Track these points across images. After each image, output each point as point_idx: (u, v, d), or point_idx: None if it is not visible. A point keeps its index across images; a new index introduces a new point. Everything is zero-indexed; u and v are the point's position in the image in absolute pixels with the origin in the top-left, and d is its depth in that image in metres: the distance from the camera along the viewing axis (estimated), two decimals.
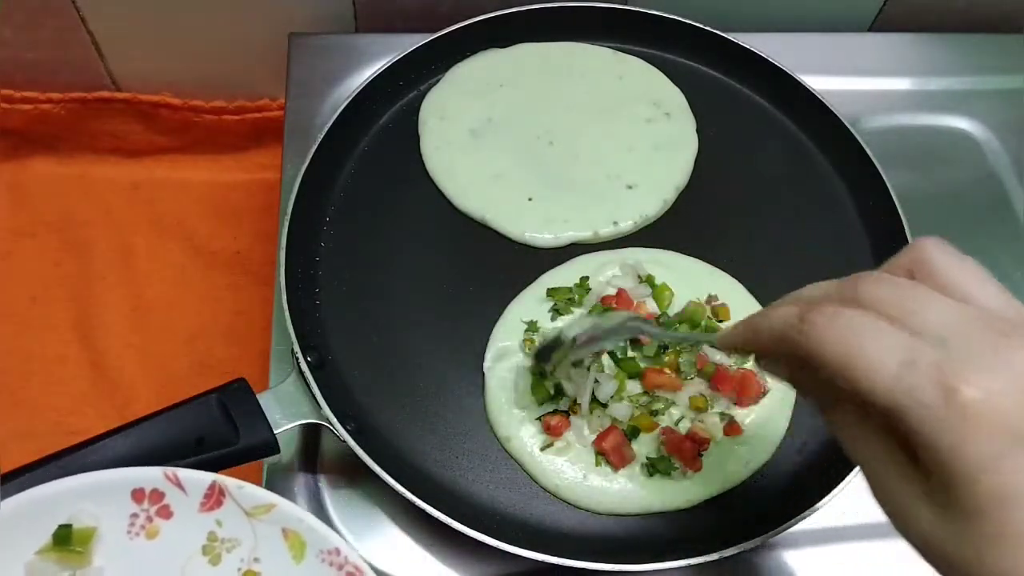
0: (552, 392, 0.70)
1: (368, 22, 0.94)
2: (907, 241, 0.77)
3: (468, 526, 0.63)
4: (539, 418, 0.70)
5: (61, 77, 0.96)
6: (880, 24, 1.01)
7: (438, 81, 0.85)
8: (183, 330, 0.95)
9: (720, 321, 0.74)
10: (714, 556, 0.64)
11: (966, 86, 0.95)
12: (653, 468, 0.68)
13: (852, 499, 0.68)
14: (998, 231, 0.87)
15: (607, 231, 0.79)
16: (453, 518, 0.63)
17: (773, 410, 0.71)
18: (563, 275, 0.76)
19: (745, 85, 0.88)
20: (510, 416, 0.70)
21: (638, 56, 0.88)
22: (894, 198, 0.78)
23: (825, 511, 0.66)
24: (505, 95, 0.84)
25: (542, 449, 0.69)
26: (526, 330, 0.73)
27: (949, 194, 0.88)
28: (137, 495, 0.51)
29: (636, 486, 0.68)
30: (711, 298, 0.75)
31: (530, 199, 0.79)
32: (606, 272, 0.76)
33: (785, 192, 0.83)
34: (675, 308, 0.74)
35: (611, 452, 0.68)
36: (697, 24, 0.87)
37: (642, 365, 0.71)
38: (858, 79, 0.93)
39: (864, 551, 0.72)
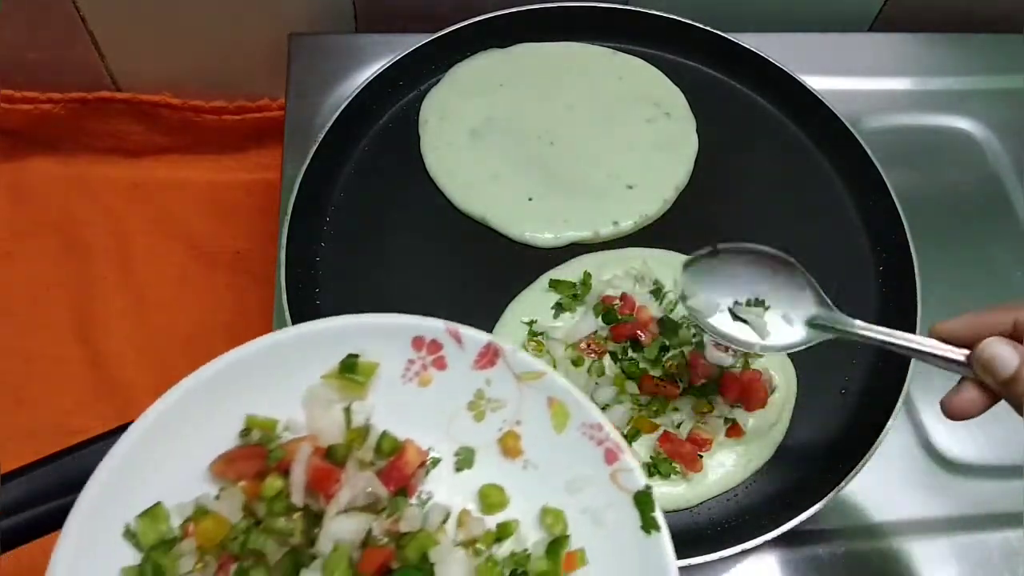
0: None
1: (368, 22, 0.94)
2: (907, 241, 0.77)
3: None
4: None
5: (61, 77, 0.96)
6: (880, 24, 1.01)
7: (438, 81, 0.85)
8: (183, 330, 0.95)
9: None
10: (714, 556, 0.64)
11: (966, 86, 0.95)
12: (653, 469, 0.68)
13: (852, 499, 0.68)
14: (998, 231, 0.87)
15: (607, 231, 0.79)
16: None
17: (774, 411, 0.71)
18: (564, 275, 0.76)
19: (745, 85, 0.88)
20: None
21: (638, 56, 0.88)
22: (894, 198, 0.78)
23: (825, 511, 0.66)
24: (505, 95, 0.84)
25: None
26: (527, 330, 0.73)
27: (949, 194, 0.88)
28: (417, 342, 0.52)
29: None
30: None
31: (530, 199, 0.79)
32: (607, 272, 0.76)
33: (785, 192, 0.83)
34: (679, 312, 0.74)
35: None
36: (697, 24, 0.87)
37: (641, 367, 0.71)
38: (858, 79, 0.93)
39: (863, 551, 0.72)
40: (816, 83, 0.84)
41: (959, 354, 0.52)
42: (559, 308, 0.74)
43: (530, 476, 0.51)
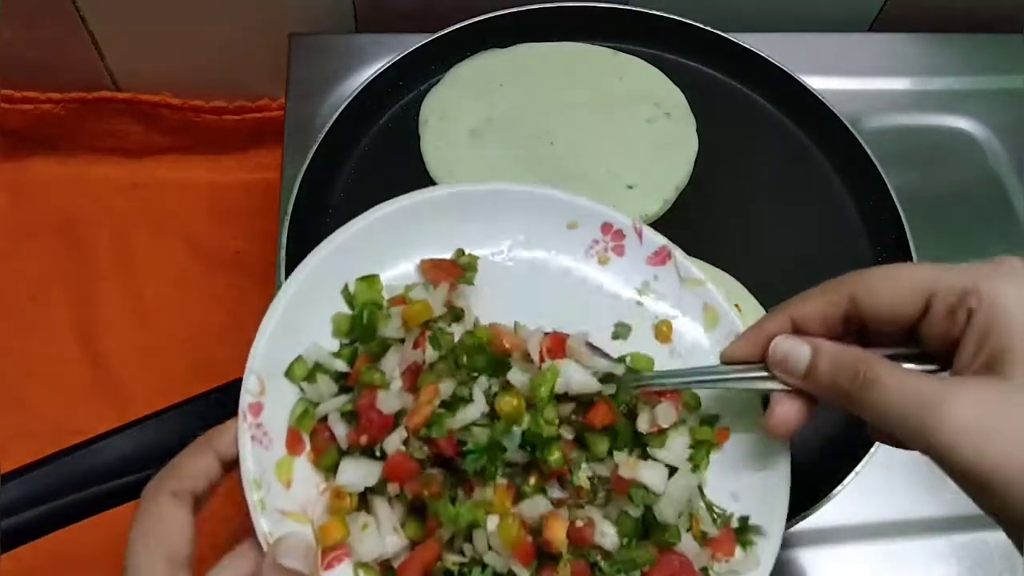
0: None
1: (368, 22, 0.94)
2: (907, 241, 0.77)
3: None
4: None
5: (61, 77, 0.96)
6: (880, 24, 1.01)
7: (438, 81, 0.85)
8: (183, 330, 0.95)
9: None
10: None
11: (966, 86, 0.95)
12: None
13: (852, 499, 0.68)
14: (998, 231, 0.87)
15: None
16: None
17: None
18: None
19: (745, 85, 0.88)
20: None
21: (638, 56, 0.88)
22: (894, 198, 0.78)
23: (825, 511, 0.66)
24: (505, 95, 0.84)
25: None
26: None
27: (949, 194, 0.88)
28: (606, 228, 0.61)
29: None
30: None
31: None
32: None
33: (785, 192, 0.83)
34: None
35: None
36: (697, 24, 0.87)
37: None
38: (858, 79, 0.93)
39: (864, 551, 0.72)
40: (816, 83, 0.84)
41: (757, 367, 0.52)
42: None
43: (675, 362, 0.59)
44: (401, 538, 0.50)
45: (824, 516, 0.66)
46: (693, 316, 0.60)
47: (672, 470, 0.54)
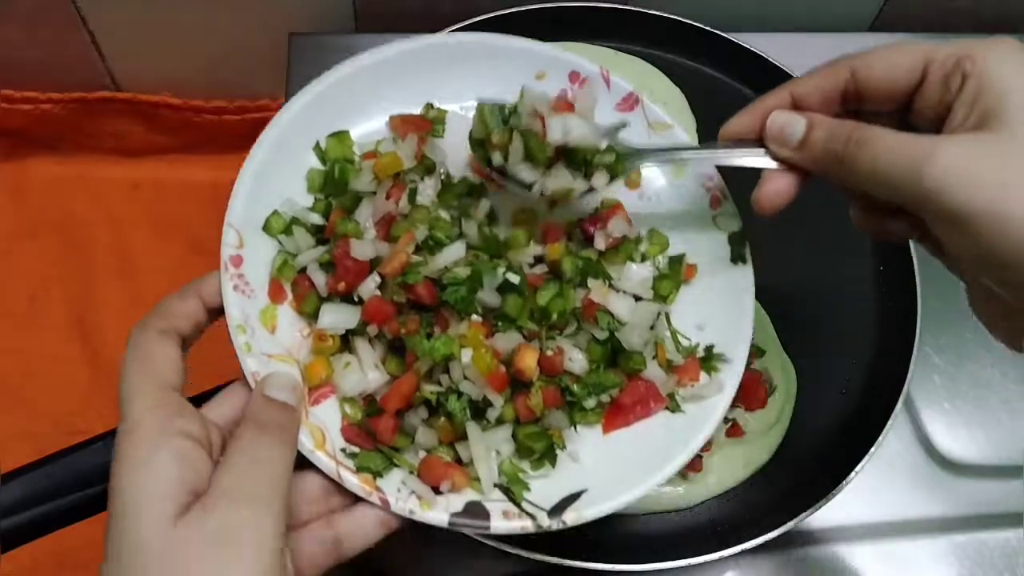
0: None
1: (368, 22, 0.94)
2: (907, 241, 0.77)
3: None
4: None
5: (61, 77, 0.96)
6: (880, 24, 1.01)
7: None
8: None
9: None
10: (714, 556, 0.64)
11: None
12: None
13: (852, 499, 0.68)
14: None
15: None
16: None
17: (774, 411, 0.71)
18: None
19: (745, 85, 0.88)
20: None
21: (638, 56, 0.88)
22: None
23: (825, 511, 0.66)
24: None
25: None
26: None
27: None
28: (573, 76, 0.62)
29: None
30: None
31: None
32: None
33: None
34: None
35: None
36: (697, 24, 0.86)
37: None
38: None
39: (864, 551, 0.72)
40: None
41: (753, 144, 0.54)
42: None
43: (645, 205, 0.61)
44: (382, 374, 0.53)
45: (824, 516, 0.66)
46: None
47: (638, 300, 0.57)
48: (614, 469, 0.54)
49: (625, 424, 0.56)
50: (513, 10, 0.85)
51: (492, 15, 0.85)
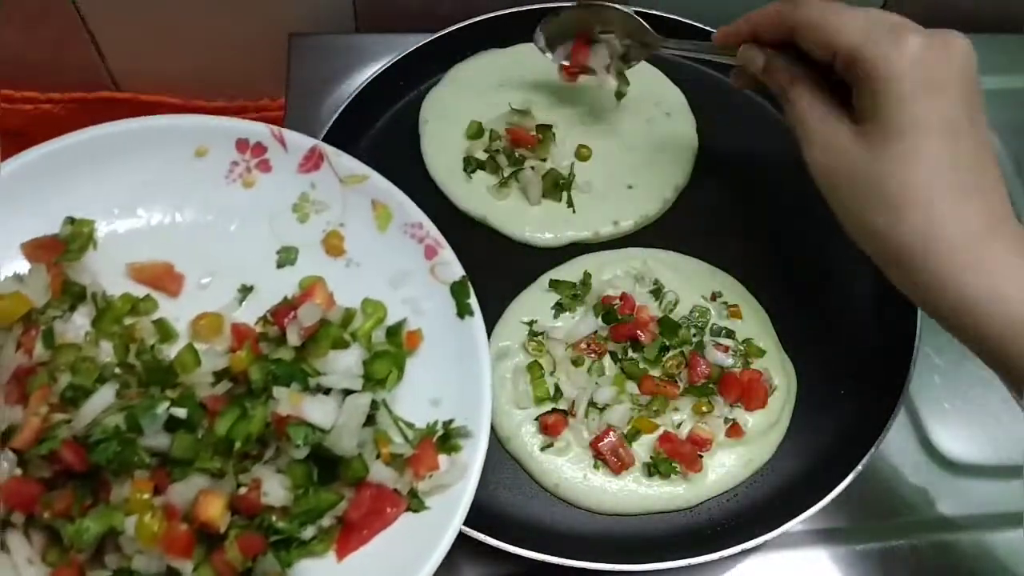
0: (552, 392, 0.70)
1: (368, 22, 0.94)
2: None
3: (469, 526, 0.63)
4: (537, 418, 0.70)
5: (61, 77, 0.96)
6: None
7: (438, 81, 0.85)
8: None
9: (730, 318, 0.75)
10: (714, 556, 0.64)
11: None
12: (653, 469, 0.68)
13: (852, 499, 0.68)
14: None
15: (607, 231, 0.79)
16: None
17: (774, 411, 0.71)
18: (564, 275, 0.76)
19: None
20: (510, 416, 0.70)
21: None
22: None
23: (825, 511, 0.66)
24: (505, 95, 0.84)
25: (542, 449, 0.69)
26: (527, 330, 0.73)
27: None
28: (241, 145, 0.55)
29: (636, 486, 0.68)
30: (714, 295, 0.76)
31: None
32: (607, 272, 0.76)
33: (784, 192, 0.83)
34: (679, 312, 0.74)
35: (608, 455, 0.68)
36: (697, 24, 0.86)
37: (641, 367, 0.71)
38: None
39: (864, 551, 0.72)
40: None
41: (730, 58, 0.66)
42: (559, 308, 0.74)
43: (352, 273, 0.55)
44: (40, 569, 0.45)
45: (824, 516, 0.66)
46: (363, 218, 0.55)
47: (349, 394, 0.50)
48: (382, 564, 0.47)
49: (363, 543, 0.48)
50: (513, 10, 0.85)
51: (492, 15, 0.85)
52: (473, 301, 0.53)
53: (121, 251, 0.51)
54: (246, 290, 0.53)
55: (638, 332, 0.72)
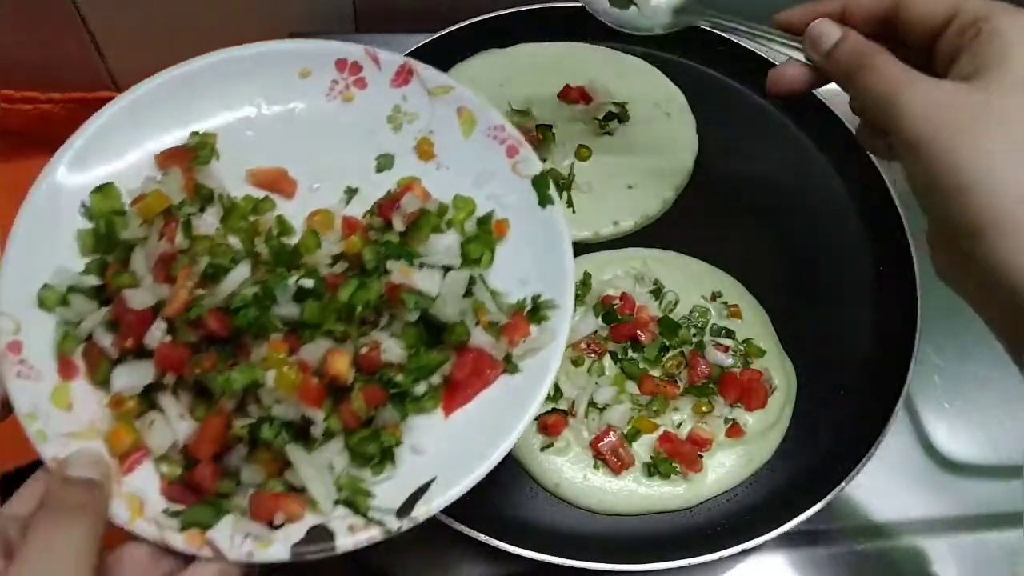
0: (552, 392, 0.70)
1: (368, 22, 0.94)
2: (907, 241, 0.77)
3: (469, 526, 0.63)
4: (537, 418, 0.70)
5: (61, 77, 0.96)
6: None
7: None
8: None
9: (730, 318, 0.75)
10: (714, 556, 0.64)
11: None
12: (653, 469, 0.68)
13: (852, 499, 0.68)
14: None
15: (607, 231, 0.79)
16: (453, 518, 0.63)
17: (774, 411, 0.72)
18: None
19: (745, 85, 0.88)
20: None
21: (638, 56, 0.88)
22: (894, 198, 0.78)
23: (825, 511, 0.66)
24: (505, 95, 0.84)
25: (542, 449, 0.69)
26: None
27: None
28: (340, 64, 0.60)
29: (636, 486, 0.68)
30: (714, 295, 0.76)
31: None
32: (607, 272, 0.76)
33: (785, 192, 0.83)
34: (679, 312, 0.74)
35: (608, 455, 0.68)
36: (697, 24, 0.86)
37: (642, 367, 0.71)
38: None
39: (864, 551, 0.72)
40: None
41: (793, 36, 0.59)
42: None
43: (442, 175, 0.60)
44: (191, 423, 0.51)
45: (824, 516, 0.66)
46: (449, 125, 0.60)
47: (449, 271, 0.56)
48: (462, 449, 0.52)
49: (466, 400, 0.54)
50: (513, 10, 0.86)
51: (492, 15, 0.85)
52: (553, 191, 0.59)
53: (241, 160, 0.58)
54: (351, 192, 0.59)
55: (638, 332, 0.72)
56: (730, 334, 0.74)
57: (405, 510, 0.50)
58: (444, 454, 0.53)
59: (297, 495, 0.50)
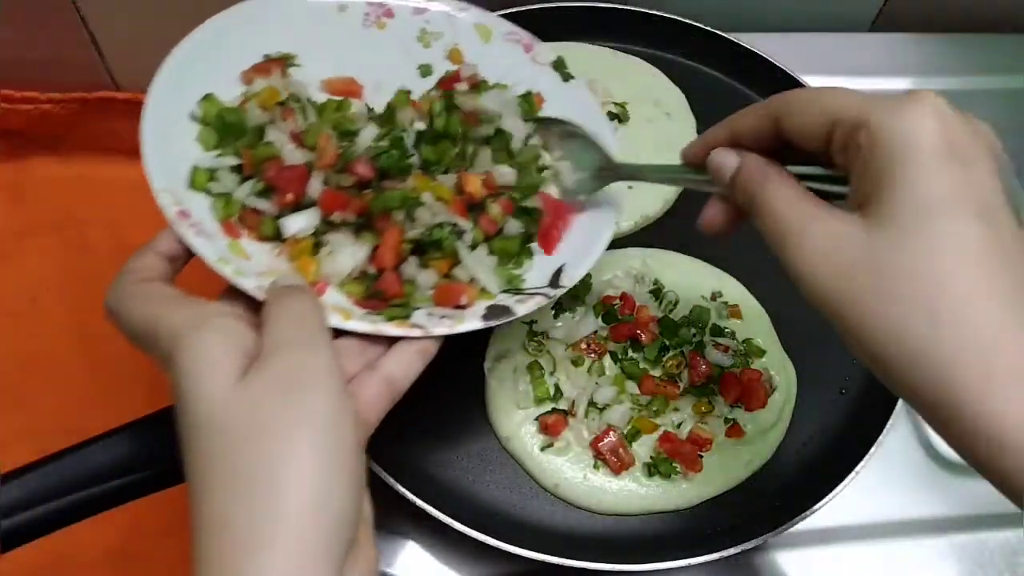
0: (552, 392, 0.70)
1: None
2: None
3: (469, 526, 0.63)
4: (537, 418, 0.70)
5: (61, 77, 0.96)
6: (880, 24, 1.01)
7: None
8: None
9: (730, 318, 0.75)
10: (714, 556, 0.64)
11: (966, 86, 0.95)
12: (653, 469, 0.68)
13: (852, 499, 0.68)
14: None
15: None
16: (453, 518, 0.63)
17: (774, 411, 0.72)
18: None
19: (745, 85, 0.88)
20: (510, 416, 0.70)
21: (638, 56, 0.88)
22: None
23: (825, 511, 0.66)
24: None
25: (542, 449, 0.69)
26: (527, 330, 0.73)
27: None
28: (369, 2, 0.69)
29: (636, 486, 0.68)
30: (714, 295, 0.76)
31: None
32: (607, 272, 0.76)
33: None
34: (679, 312, 0.74)
35: (608, 455, 0.68)
36: (697, 24, 0.87)
37: (642, 367, 0.72)
38: (858, 79, 0.93)
39: (864, 551, 0.72)
40: (816, 83, 0.84)
41: (703, 174, 0.55)
42: (559, 308, 0.74)
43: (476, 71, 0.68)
44: (365, 248, 0.57)
45: (824, 516, 0.66)
46: (470, 36, 0.69)
47: None
48: (576, 241, 0.62)
49: (558, 240, 0.63)
50: (513, 10, 0.85)
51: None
52: (569, 70, 0.69)
53: (314, 73, 0.65)
54: (405, 92, 0.65)
55: (638, 332, 0.72)
56: (730, 334, 0.74)
57: (554, 283, 0.59)
58: (563, 247, 0.62)
59: (471, 284, 0.58)
